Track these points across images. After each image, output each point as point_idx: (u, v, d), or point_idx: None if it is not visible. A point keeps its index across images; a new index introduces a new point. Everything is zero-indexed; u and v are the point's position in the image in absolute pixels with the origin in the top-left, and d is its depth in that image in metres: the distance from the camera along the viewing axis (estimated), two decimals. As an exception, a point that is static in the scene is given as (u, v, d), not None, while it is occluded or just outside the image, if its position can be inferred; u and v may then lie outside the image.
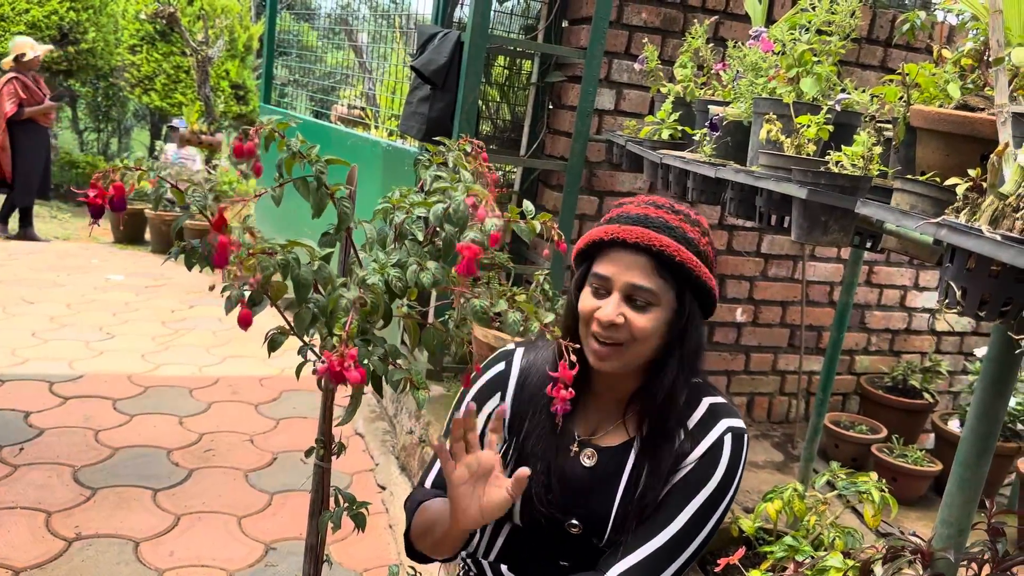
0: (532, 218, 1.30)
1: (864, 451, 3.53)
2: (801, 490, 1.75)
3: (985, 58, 1.43)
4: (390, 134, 4.76)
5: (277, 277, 1.15)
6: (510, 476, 1.34)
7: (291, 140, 1.15)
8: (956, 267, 1.08)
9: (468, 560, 1.58)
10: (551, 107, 3.69)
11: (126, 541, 2.63)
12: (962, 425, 3.46)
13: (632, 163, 2.94)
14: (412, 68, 3.41)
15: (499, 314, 1.31)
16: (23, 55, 7.25)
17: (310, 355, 1.28)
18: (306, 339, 1.28)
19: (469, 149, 1.51)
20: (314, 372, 1.07)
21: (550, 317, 1.28)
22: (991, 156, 1.09)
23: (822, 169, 1.58)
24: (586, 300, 1.34)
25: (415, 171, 1.43)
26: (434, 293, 1.32)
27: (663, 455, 1.35)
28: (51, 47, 8.38)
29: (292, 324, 1.20)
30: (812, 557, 1.48)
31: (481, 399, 1.50)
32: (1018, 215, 1.05)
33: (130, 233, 7.28)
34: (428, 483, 1.51)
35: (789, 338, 4.12)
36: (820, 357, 4.15)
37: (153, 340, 4.58)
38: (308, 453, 1.55)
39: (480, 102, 3.85)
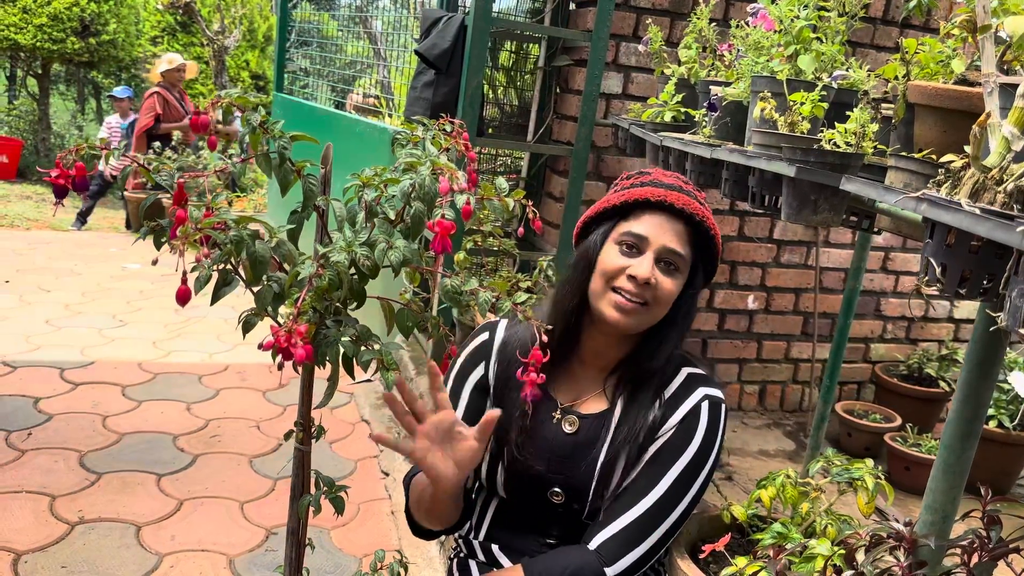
0: (506, 195, 1.27)
1: (877, 440, 3.47)
2: (794, 476, 1.71)
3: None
4: (406, 122, 4.74)
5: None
6: (498, 446, 1.40)
7: (252, 115, 1.12)
8: (936, 243, 1.04)
9: (460, 541, 1.59)
10: (558, 92, 3.65)
11: (128, 525, 2.65)
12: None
13: (636, 147, 2.90)
14: (416, 53, 3.38)
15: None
16: (169, 69, 7.25)
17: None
18: (280, 320, 1.27)
19: (449, 129, 1.49)
20: (260, 347, 1.05)
21: (523, 297, 1.25)
22: (973, 127, 1.04)
23: (814, 147, 1.54)
24: (613, 256, 1.35)
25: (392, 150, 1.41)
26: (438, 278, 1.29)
27: (643, 416, 1.37)
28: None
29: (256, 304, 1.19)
30: (803, 544, 1.45)
31: (466, 370, 1.51)
32: (1000, 188, 1.00)
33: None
34: None
35: (802, 326, 4.06)
36: (831, 344, 4.09)
37: (165, 328, 4.60)
38: (287, 436, 1.53)
39: (486, 87, 3.82)
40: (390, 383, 1.26)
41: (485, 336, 1.52)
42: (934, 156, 1.41)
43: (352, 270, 1.22)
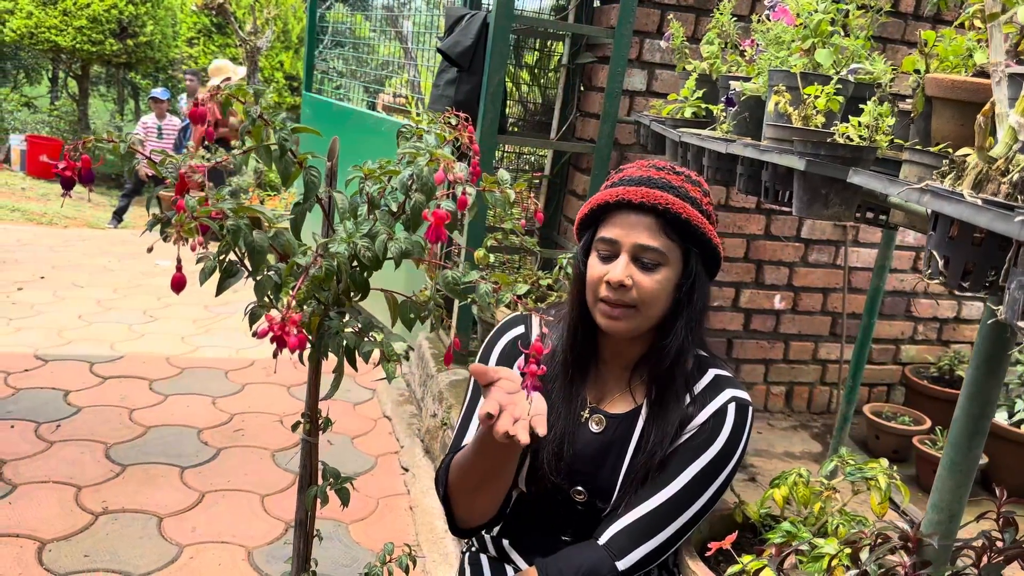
0: (508, 187, 1.27)
1: (906, 443, 3.41)
2: (806, 476, 1.69)
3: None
4: (437, 121, 4.75)
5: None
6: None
7: (253, 107, 1.13)
8: (939, 235, 1.01)
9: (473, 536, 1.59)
10: (582, 89, 3.64)
11: (150, 516, 2.69)
12: (1010, 417, 3.32)
13: (656, 144, 2.88)
14: (439, 50, 3.39)
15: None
16: (228, 79, 7.36)
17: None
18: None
19: (455, 122, 1.49)
20: (254, 335, 1.06)
21: (523, 288, 1.25)
22: (978, 117, 1.02)
23: (828, 141, 1.52)
24: (594, 267, 1.34)
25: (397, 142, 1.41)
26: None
27: (670, 419, 1.35)
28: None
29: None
30: (811, 543, 1.43)
31: (505, 362, 1.48)
32: (1005, 179, 0.98)
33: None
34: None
35: (831, 326, 4.00)
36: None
37: (194, 323, 4.67)
38: (295, 427, 1.54)
39: (510, 84, 3.81)
40: (391, 374, 1.26)
41: (521, 329, 1.51)
42: (951, 150, 1.38)
43: (355, 262, 1.23)
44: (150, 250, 1.08)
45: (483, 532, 1.56)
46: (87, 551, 2.47)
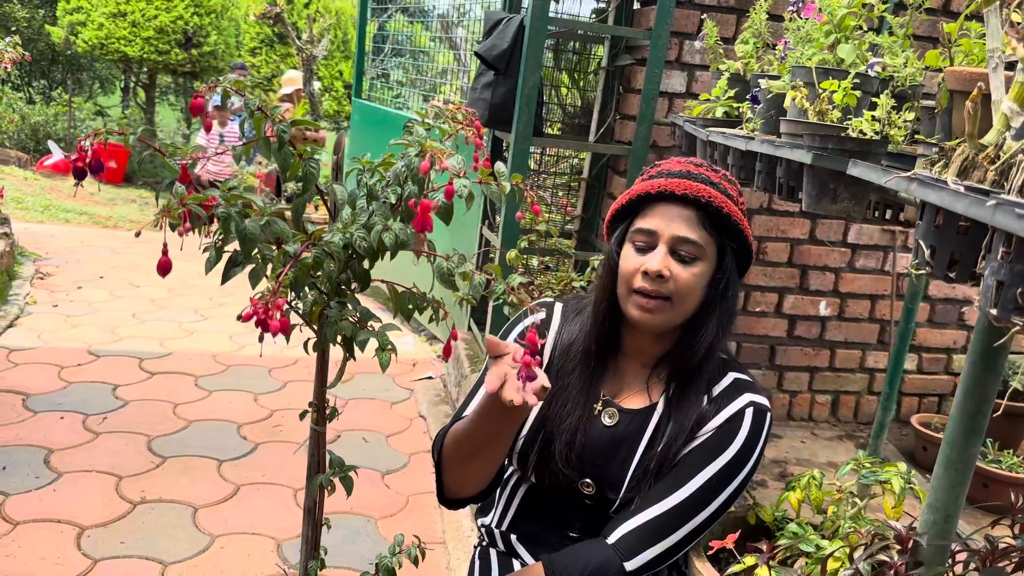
0: (505, 180, 1.28)
1: (954, 455, 3.30)
2: (819, 479, 1.65)
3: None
4: (486, 125, 4.80)
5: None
6: (537, 428, 1.40)
7: (252, 99, 1.17)
8: (925, 224, 0.99)
9: (483, 530, 1.60)
10: (621, 91, 3.63)
11: (186, 507, 2.76)
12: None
13: (690, 145, 2.86)
14: (476, 54, 3.42)
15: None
16: (299, 90, 7.60)
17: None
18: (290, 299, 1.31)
19: (461, 117, 1.51)
20: (239, 318, 1.09)
21: (517, 280, 1.26)
22: (967, 103, 0.99)
23: (839, 135, 1.49)
24: (629, 258, 1.34)
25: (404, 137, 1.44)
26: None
27: (686, 418, 1.34)
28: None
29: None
30: (817, 545, 1.40)
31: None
32: (993, 167, 0.95)
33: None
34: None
35: (879, 334, 3.90)
36: (913, 355, 3.91)
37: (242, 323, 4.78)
38: (302, 416, 1.58)
39: (550, 87, 3.83)
40: (384, 363, 1.28)
41: (542, 314, 1.52)
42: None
43: (352, 253, 1.26)
44: (137, 234, 1.12)
45: (493, 527, 1.57)
46: (123, 538, 2.55)
